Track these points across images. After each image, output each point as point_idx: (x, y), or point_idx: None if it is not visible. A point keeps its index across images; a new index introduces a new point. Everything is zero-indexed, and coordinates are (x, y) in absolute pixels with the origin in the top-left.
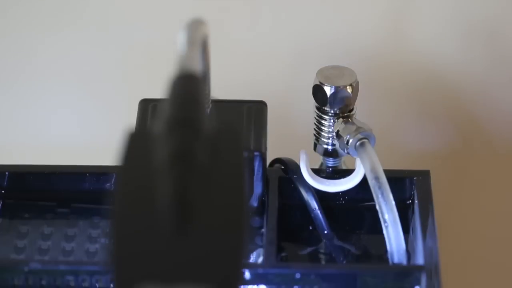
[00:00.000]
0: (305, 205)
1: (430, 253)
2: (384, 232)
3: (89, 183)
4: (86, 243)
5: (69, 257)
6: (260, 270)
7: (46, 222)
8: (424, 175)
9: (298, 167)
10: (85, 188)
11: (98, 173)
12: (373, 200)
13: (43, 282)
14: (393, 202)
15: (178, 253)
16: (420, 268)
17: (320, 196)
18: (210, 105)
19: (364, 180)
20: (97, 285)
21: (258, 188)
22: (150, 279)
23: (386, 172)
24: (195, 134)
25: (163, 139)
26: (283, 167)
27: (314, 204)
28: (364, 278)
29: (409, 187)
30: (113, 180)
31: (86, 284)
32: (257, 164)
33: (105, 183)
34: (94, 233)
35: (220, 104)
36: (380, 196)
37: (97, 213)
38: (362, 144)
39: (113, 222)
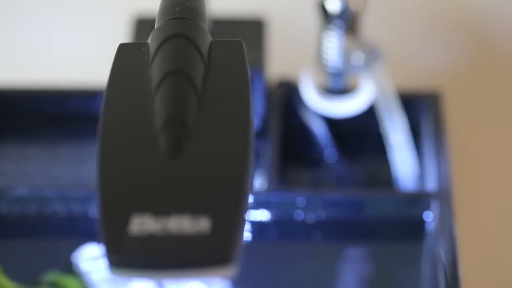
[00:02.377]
0: (309, 129)
1: (442, 178)
2: (392, 155)
3: (76, 103)
4: (74, 167)
5: (57, 182)
6: (263, 196)
7: (32, 145)
8: (435, 95)
9: (302, 86)
10: (72, 108)
11: (86, 92)
12: (379, 126)
13: (29, 211)
14: (402, 123)
15: (172, 179)
16: (429, 195)
17: (326, 122)
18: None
19: (371, 104)
20: (88, 213)
21: (259, 108)
22: (141, 211)
23: (396, 91)
24: (193, 27)
25: (159, 33)
26: (286, 87)
27: (319, 127)
28: (370, 205)
29: (419, 107)
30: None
31: (75, 212)
32: (257, 81)
33: (93, 104)
34: (82, 156)
35: (218, 22)
36: (387, 116)
37: (86, 134)
38: (369, 61)
39: (101, 144)
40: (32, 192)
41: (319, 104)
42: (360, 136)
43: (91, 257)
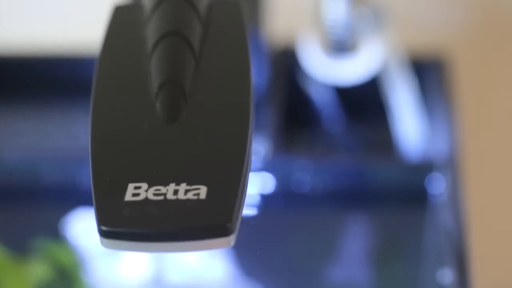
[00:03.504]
0: (312, 95)
1: (451, 146)
2: (399, 122)
3: (70, 66)
4: (66, 127)
5: (48, 143)
6: (266, 159)
7: (24, 105)
8: (444, 57)
9: (305, 48)
10: (66, 71)
11: (80, 55)
12: (386, 91)
13: (18, 175)
14: (409, 87)
15: (169, 146)
16: (437, 163)
17: (330, 87)
18: None
19: (377, 68)
20: (80, 177)
21: (259, 71)
22: (136, 180)
23: (403, 53)
24: None
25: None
26: (288, 50)
27: (322, 92)
28: (376, 173)
29: (427, 71)
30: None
31: (66, 175)
32: (257, 43)
33: (87, 66)
34: (75, 116)
35: None
36: (394, 80)
37: (79, 97)
38: (375, 21)
39: (94, 108)
40: (21, 155)
41: (322, 67)
42: (366, 102)
43: (81, 224)
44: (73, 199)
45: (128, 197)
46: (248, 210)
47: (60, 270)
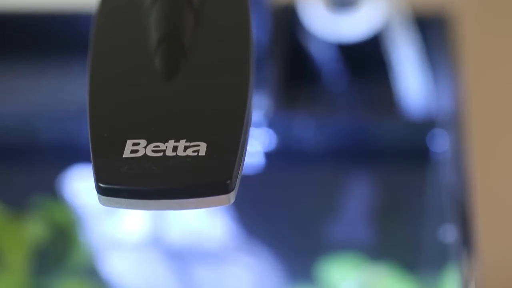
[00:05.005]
0: (315, 49)
1: (455, 104)
2: (400, 77)
3: (67, 22)
4: (65, 83)
5: (46, 99)
6: (267, 116)
7: (22, 62)
8: (449, 14)
9: (306, 0)
10: (63, 28)
11: (77, 12)
12: (389, 48)
13: (16, 132)
14: (412, 42)
15: (168, 102)
16: (440, 121)
17: (332, 43)
18: None
19: (380, 24)
20: (79, 132)
21: (260, 26)
22: (135, 137)
23: (407, 8)
24: None
25: None
26: (290, 6)
27: (325, 48)
28: (376, 129)
29: (431, 28)
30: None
31: (67, 132)
32: None
33: (85, 23)
34: (74, 73)
35: None
36: (398, 36)
37: (76, 53)
38: None
39: (92, 63)
40: (18, 112)
41: (324, 23)
42: (368, 59)
43: (79, 182)
44: (71, 156)
45: (126, 153)
46: (248, 167)
47: (57, 229)
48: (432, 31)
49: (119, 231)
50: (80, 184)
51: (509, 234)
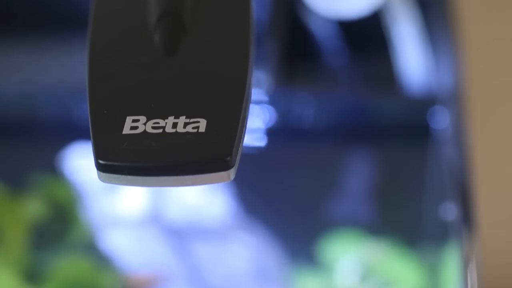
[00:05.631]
0: (315, 25)
1: (454, 80)
2: (400, 54)
3: (66, 0)
4: (65, 60)
5: (45, 75)
6: (267, 93)
7: (21, 38)
8: None
9: None
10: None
11: None
12: (389, 24)
13: (15, 109)
14: (412, 18)
15: (167, 79)
16: (440, 98)
17: (333, 20)
18: None
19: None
20: (79, 109)
21: (261, 0)
22: (134, 113)
23: None
24: None
25: None
26: None
27: (325, 25)
28: (376, 105)
29: (432, 2)
30: None
31: (66, 109)
32: None
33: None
34: (73, 49)
35: None
36: (397, 10)
37: (76, 28)
38: None
39: (91, 39)
40: (17, 89)
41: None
42: (368, 36)
43: (79, 159)
44: (70, 133)
45: (126, 130)
46: (248, 144)
47: (57, 206)
48: (432, 8)
49: (118, 208)
50: (79, 161)
51: (510, 210)
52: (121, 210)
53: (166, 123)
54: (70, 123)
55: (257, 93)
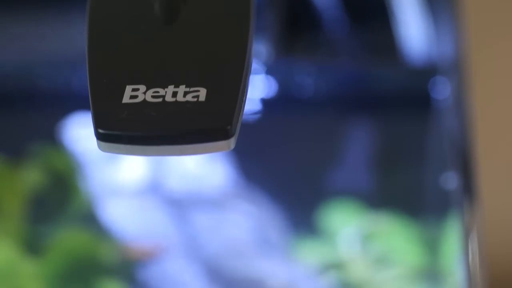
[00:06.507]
0: None
1: (456, 49)
2: (401, 23)
3: None
4: (64, 29)
5: (47, 45)
6: (267, 62)
7: (21, 7)
8: None
9: None
10: None
11: None
12: None
13: (13, 79)
14: None
15: (167, 47)
16: (437, 67)
17: None
18: None
19: None
20: (79, 78)
21: None
22: (134, 82)
23: None
24: None
25: None
26: None
27: None
28: (377, 75)
29: None
30: None
31: (65, 79)
32: None
33: None
34: (72, 18)
35: None
36: None
37: (75, 1)
38: None
39: (90, 8)
40: (16, 59)
41: None
42: (369, 5)
43: (78, 129)
44: (70, 103)
45: (125, 99)
46: (248, 113)
47: (56, 176)
48: None
49: (118, 177)
50: (79, 131)
51: (511, 180)
52: (121, 179)
53: (166, 92)
54: (69, 93)
55: (257, 62)
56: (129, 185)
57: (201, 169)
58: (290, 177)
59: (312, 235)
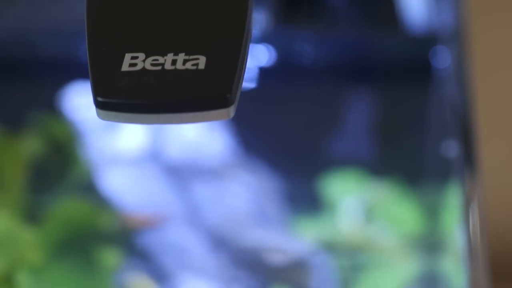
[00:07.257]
0: None
1: (456, 18)
2: None
3: None
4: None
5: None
6: (266, 31)
7: None
8: None
9: None
10: None
11: None
12: None
13: (12, 47)
14: None
15: (166, 16)
16: (438, 36)
17: None
18: None
19: None
20: (78, 47)
21: None
22: (133, 50)
23: None
24: None
25: None
26: None
27: None
28: (378, 44)
29: None
30: None
31: (65, 47)
32: None
33: None
34: None
35: None
36: None
37: None
38: None
39: None
40: (15, 27)
41: None
42: None
43: (78, 98)
44: (69, 72)
45: (124, 67)
46: (248, 82)
47: (56, 144)
48: None
49: (117, 146)
50: (78, 99)
51: (510, 149)
52: (120, 148)
53: (165, 60)
54: (69, 61)
55: (256, 31)
56: (128, 154)
57: (201, 138)
58: (290, 146)
59: (312, 205)
